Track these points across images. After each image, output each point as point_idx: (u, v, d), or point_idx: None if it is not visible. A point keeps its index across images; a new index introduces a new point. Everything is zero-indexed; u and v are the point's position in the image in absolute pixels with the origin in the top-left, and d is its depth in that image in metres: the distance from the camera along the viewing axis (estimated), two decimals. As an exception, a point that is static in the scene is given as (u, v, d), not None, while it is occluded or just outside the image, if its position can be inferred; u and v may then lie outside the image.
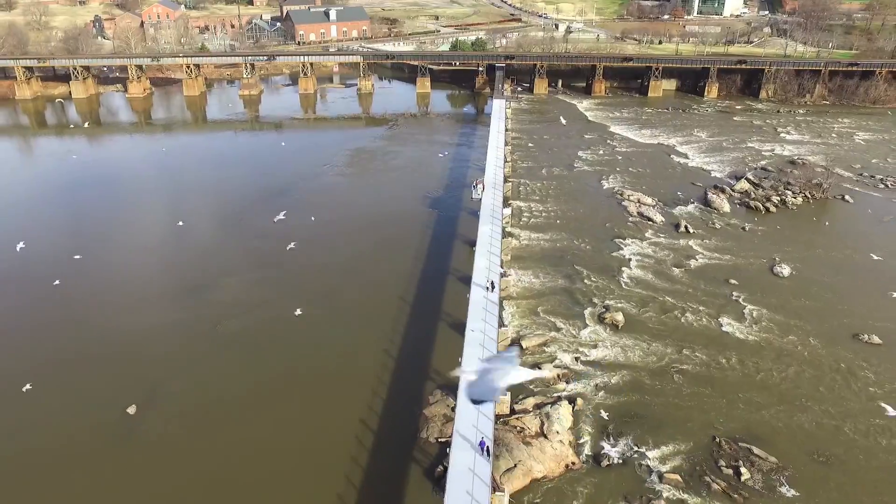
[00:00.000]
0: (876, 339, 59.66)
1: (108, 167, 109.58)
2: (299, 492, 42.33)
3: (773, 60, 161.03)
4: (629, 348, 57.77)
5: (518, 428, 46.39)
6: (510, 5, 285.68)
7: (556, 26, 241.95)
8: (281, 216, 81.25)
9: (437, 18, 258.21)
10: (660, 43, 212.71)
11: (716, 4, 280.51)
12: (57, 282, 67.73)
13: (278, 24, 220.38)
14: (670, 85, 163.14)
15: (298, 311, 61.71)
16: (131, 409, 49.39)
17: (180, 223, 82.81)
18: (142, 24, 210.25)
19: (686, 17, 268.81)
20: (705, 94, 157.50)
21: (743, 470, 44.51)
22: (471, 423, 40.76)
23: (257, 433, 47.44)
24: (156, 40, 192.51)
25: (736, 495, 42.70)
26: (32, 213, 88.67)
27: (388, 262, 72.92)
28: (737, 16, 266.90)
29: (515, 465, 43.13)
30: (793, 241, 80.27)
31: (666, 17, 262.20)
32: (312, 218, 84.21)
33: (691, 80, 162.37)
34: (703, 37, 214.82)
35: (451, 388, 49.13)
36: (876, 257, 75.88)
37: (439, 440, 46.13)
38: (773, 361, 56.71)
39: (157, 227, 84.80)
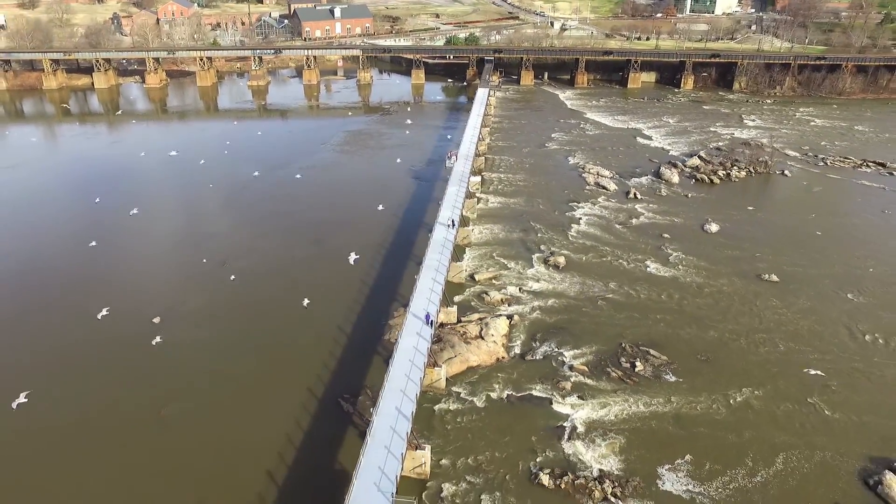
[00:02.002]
0: (774, 278, 70.98)
1: (146, 148, 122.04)
2: (285, 371, 54.09)
3: (745, 54, 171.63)
4: (565, 283, 69.39)
5: (461, 332, 58.16)
6: (509, 3, 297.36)
7: (552, 24, 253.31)
8: (283, 185, 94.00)
9: (437, 16, 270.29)
10: (647, 39, 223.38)
11: (707, 3, 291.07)
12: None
13: (286, 21, 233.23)
14: (649, 77, 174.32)
15: (296, 253, 73.93)
16: (156, 319, 61.66)
17: (210, 185, 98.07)
18: (157, 21, 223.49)
19: (678, 15, 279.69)
20: (681, 85, 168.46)
21: (638, 364, 56.05)
22: (422, 306, 52.92)
23: (251, 332, 59.47)
24: (170, 36, 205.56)
25: (629, 381, 54.21)
26: (108, 179, 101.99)
27: (370, 215, 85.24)
28: (729, 14, 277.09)
29: (455, 356, 54.92)
30: (728, 206, 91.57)
31: (659, 15, 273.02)
32: (298, 175, 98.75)
33: (669, 72, 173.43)
34: (690, 34, 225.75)
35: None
36: (796, 219, 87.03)
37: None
38: (686, 293, 68.09)
39: (188, 188, 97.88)
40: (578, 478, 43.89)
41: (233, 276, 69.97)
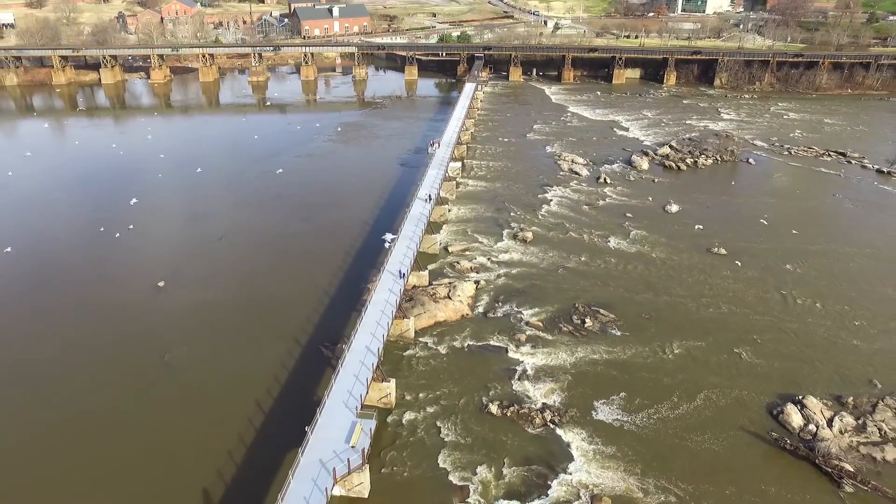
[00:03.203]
0: (723, 251, 77.89)
1: (153, 138, 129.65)
2: (274, 324, 61.09)
3: (725, 52, 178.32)
4: (531, 254, 76.38)
5: (431, 293, 65.20)
6: (505, 3, 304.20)
7: (545, 23, 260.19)
8: (279, 171, 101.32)
9: (434, 15, 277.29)
10: (636, 37, 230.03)
11: (699, 3, 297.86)
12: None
13: (286, 20, 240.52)
14: (634, 74, 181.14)
15: (293, 230, 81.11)
16: (161, 283, 68.92)
17: (199, 169, 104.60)
18: (161, 19, 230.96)
19: (670, 14, 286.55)
20: (664, 81, 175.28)
21: (588, 321, 63.00)
22: (395, 268, 60.14)
23: (245, 292, 66.60)
24: (174, 34, 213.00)
25: (578, 334, 61.15)
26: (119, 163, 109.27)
27: (358, 196, 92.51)
28: (719, 13, 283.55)
29: (424, 312, 61.96)
30: (691, 190, 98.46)
31: (651, 14, 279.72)
32: (293, 162, 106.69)
33: (653, 69, 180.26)
34: (678, 32, 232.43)
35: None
36: (753, 201, 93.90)
37: (376, 301, 65.00)
38: (641, 263, 74.97)
39: (185, 172, 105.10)
40: (523, 408, 50.88)
41: (222, 237, 77.21)
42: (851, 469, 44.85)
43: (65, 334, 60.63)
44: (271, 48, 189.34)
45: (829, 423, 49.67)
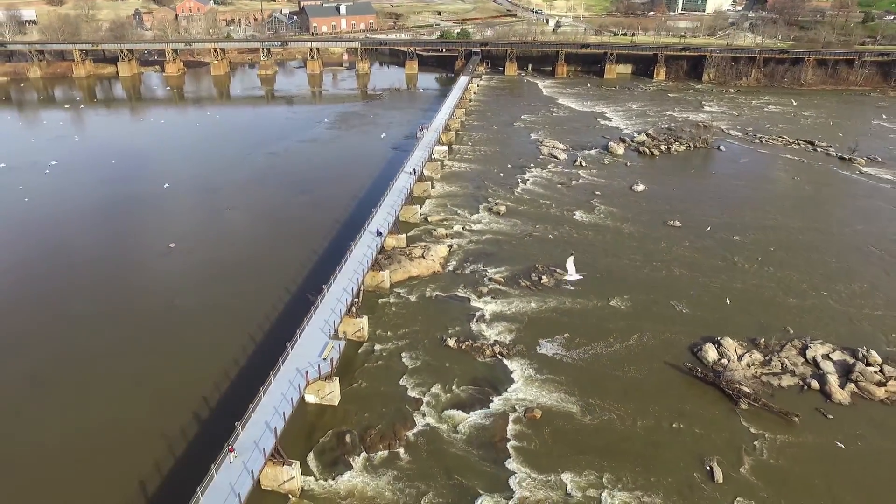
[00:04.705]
0: (678, 223, 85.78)
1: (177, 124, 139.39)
2: (269, 276, 69.79)
3: (713, 48, 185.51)
4: (502, 224, 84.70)
5: (408, 253, 73.70)
6: (509, 1, 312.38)
7: (547, 21, 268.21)
8: (284, 152, 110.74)
9: (439, 13, 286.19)
10: (633, 35, 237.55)
11: (699, 2, 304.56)
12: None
13: (295, 17, 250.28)
14: (626, 69, 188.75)
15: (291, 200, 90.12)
16: (172, 244, 78.14)
17: (210, 152, 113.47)
18: (176, 16, 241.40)
19: (670, 13, 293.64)
20: (654, 76, 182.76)
21: (544, 278, 71.19)
22: (375, 229, 68.91)
23: (245, 252, 75.52)
24: (188, 31, 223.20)
25: (534, 288, 69.40)
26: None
27: (354, 174, 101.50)
28: (719, 12, 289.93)
29: (400, 268, 70.51)
30: (660, 172, 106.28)
31: (651, 13, 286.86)
32: (297, 145, 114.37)
33: (644, 65, 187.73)
34: (676, 30, 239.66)
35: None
36: (715, 182, 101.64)
37: (358, 260, 73.62)
38: (602, 233, 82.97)
39: (197, 155, 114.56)
40: (477, 343, 59.28)
41: (228, 207, 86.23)
42: (748, 391, 52.86)
43: (91, 284, 69.84)
44: (279, 43, 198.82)
45: (740, 358, 57.59)
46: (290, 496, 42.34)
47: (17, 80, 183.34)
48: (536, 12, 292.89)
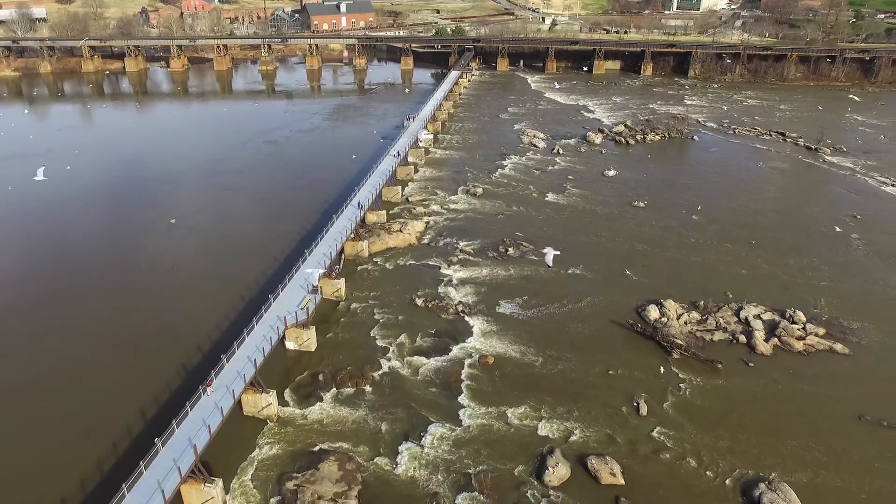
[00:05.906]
0: (642, 204, 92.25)
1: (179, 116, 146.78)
2: (260, 248, 76.63)
3: (699, 45, 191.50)
4: (477, 204, 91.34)
5: (387, 227, 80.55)
6: (508, 0, 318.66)
7: (543, 19, 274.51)
8: (282, 140, 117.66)
9: (437, 12, 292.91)
10: (626, 33, 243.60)
11: (693, 1, 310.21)
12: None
13: (297, 15, 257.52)
14: (614, 65, 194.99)
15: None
16: (173, 220, 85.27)
17: (212, 139, 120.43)
18: (181, 14, 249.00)
19: (665, 12, 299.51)
20: (641, 72, 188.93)
21: (511, 250, 77.77)
22: (357, 200, 75.85)
23: (239, 229, 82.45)
24: (192, 28, 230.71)
25: (500, 259, 76.02)
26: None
27: (344, 161, 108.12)
28: (714, 11, 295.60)
29: (378, 240, 77.30)
30: (633, 160, 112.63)
31: (647, 12, 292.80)
32: (293, 134, 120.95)
33: (632, 61, 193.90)
34: (668, 28, 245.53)
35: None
36: (683, 168, 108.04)
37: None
38: (570, 212, 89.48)
39: (200, 143, 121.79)
40: (442, 303, 66.01)
41: (226, 189, 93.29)
42: (681, 343, 59.41)
43: (98, 252, 77.04)
44: (280, 40, 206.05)
45: (679, 317, 64.11)
46: (269, 420, 49.13)
47: (28, 75, 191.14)
48: (533, 11, 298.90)
